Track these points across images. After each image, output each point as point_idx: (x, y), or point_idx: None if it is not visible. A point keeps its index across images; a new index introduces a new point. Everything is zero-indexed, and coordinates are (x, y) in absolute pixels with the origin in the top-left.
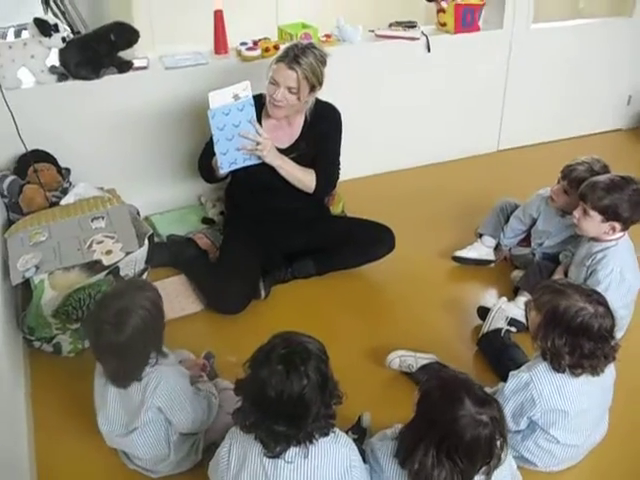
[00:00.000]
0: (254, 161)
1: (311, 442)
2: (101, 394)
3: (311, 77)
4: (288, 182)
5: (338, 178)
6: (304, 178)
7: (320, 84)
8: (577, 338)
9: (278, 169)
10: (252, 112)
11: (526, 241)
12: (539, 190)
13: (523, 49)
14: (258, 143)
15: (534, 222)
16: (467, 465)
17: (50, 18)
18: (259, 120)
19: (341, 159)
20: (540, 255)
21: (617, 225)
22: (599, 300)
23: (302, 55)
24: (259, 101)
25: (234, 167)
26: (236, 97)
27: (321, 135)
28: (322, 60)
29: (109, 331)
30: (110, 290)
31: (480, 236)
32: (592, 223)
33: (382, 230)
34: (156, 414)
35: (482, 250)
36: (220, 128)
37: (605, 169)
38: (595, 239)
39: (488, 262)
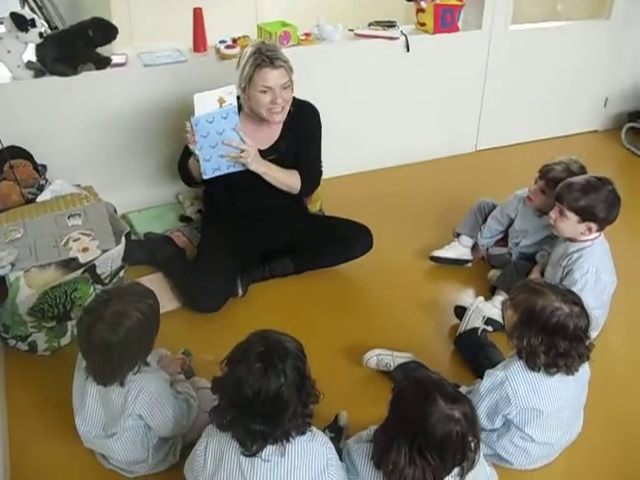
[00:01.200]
0: (238, 168)
1: (288, 440)
2: (80, 394)
3: (291, 66)
4: (268, 182)
5: (321, 176)
6: (289, 181)
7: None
8: (552, 337)
9: (263, 175)
10: (236, 119)
11: (503, 241)
12: (517, 190)
13: (502, 50)
14: (242, 150)
15: (511, 222)
16: (438, 462)
17: (27, 13)
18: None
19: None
20: (517, 255)
21: (593, 226)
22: (574, 300)
23: (273, 51)
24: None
25: (217, 173)
26: (221, 100)
27: (303, 135)
28: (280, 48)
29: (104, 329)
30: (113, 289)
31: (457, 235)
32: (568, 224)
33: (360, 229)
34: (136, 420)
35: (459, 250)
36: (204, 135)
37: (582, 170)
38: (571, 239)
39: (465, 262)
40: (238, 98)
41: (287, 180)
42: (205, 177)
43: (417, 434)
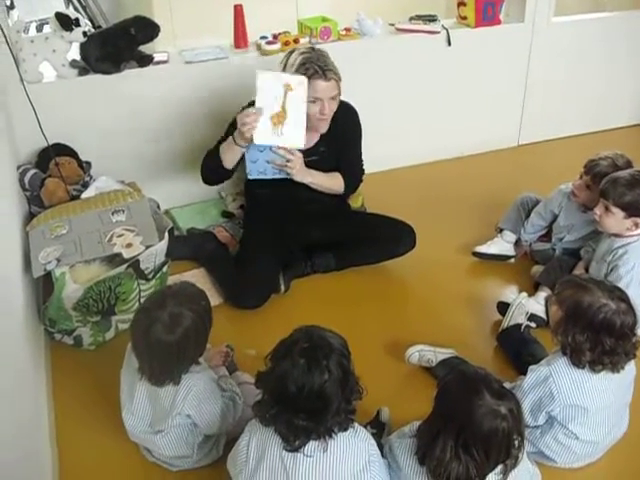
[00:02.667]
0: (282, 175)
1: (330, 436)
2: (129, 390)
3: (340, 77)
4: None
5: (363, 175)
6: (334, 185)
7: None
8: (598, 334)
9: (309, 184)
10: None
11: (547, 236)
12: (560, 185)
13: (544, 43)
14: (288, 160)
15: (555, 218)
16: (483, 458)
17: (71, 12)
18: None
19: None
20: (560, 250)
21: (639, 221)
22: (621, 297)
23: (324, 61)
24: None
25: (262, 177)
26: (288, 87)
27: (343, 137)
28: (329, 55)
29: (161, 330)
30: (167, 290)
31: (500, 231)
32: (614, 220)
33: (403, 228)
34: (184, 419)
35: (502, 245)
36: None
37: (628, 164)
38: (617, 235)
39: (508, 257)
40: None
41: (331, 185)
42: (250, 177)
43: (462, 428)
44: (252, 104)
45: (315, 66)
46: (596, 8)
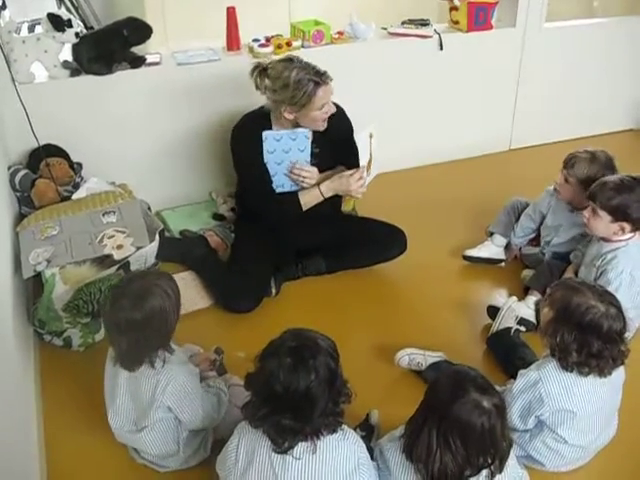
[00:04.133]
0: (299, 188)
1: (318, 438)
2: (111, 388)
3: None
4: None
5: None
6: (347, 186)
7: None
8: (585, 335)
9: (325, 194)
10: (305, 143)
11: (536, 240)
12: (547, 186)
13: (536, 48)
14: (304, 176)
15: (543, 219)
16: (462, 451)
17: (63, 13)
18: (269, 129)
19: None
20: (550, 254)
21: (627, 226)
22: (612, 301)
23: (312, 68)
24: (265, 115)
25: (280, 190)
26: (370, 135)
27: (336, 135)
28: None
29: (126, 306)
30: (136, 272)
31: (491, 234)
32: (601, 223)
33: (394, 232)
34: (166, 413)
35: (492, 249)
36: (270, 151)
37: (608, 159)
38: (605, 239)
39: (499, 261)
40: (262, 108)
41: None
42: None
43: (442, 419)
44: (248, 117)
45: (312, 77)
46: (587, 14)
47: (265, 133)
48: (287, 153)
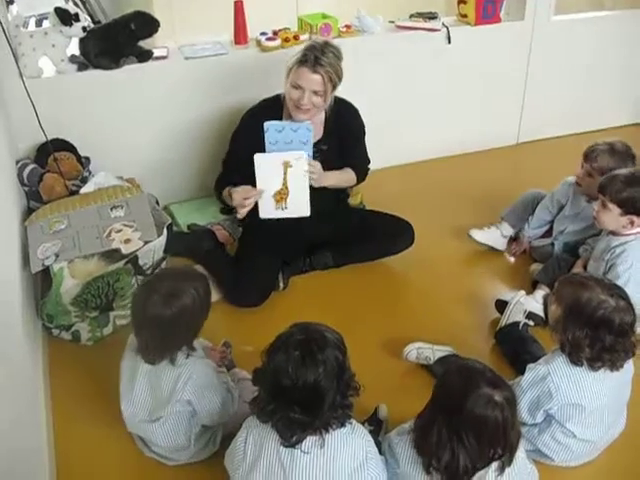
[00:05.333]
0: None
1: (327, 431)
2: (129, 377)
3: (334, 77)
4: None
5: (370, 163)
6: (347, 181)
7: (340, 80)
8: (598, 331)
9: (328, 186)
10: (308, 136)
11: (548, 233)
12: (567, 177)
13: (544, 41)
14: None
15: (560, 209)
16: (474, 445)
17: (71, 7)
18: (279, 119)
19: None
20: (561, 245)
21: (636, 219)
22: (620, 294)
23: (322, 56)
24: (277, 103)
25: None
26: (286, 164)
27: (346, 135)
28: (340, 56)
29: (157, 302)
30: (170, 268)
31: (501, 220)
32: (610, 216)
33: (402, 225)
34: (184, 406)
35: (497, 238)
36: (272, 143)
37: (626, 148)
38: (614, 233)
39: (496, 250)
40: (279, 97)
41: (345, 181)
42: None
43: (454, 414)
44: (250, 116)
45: (311, 55)
46: (597, 6)
47: (267, 124)
48: (289, 145)
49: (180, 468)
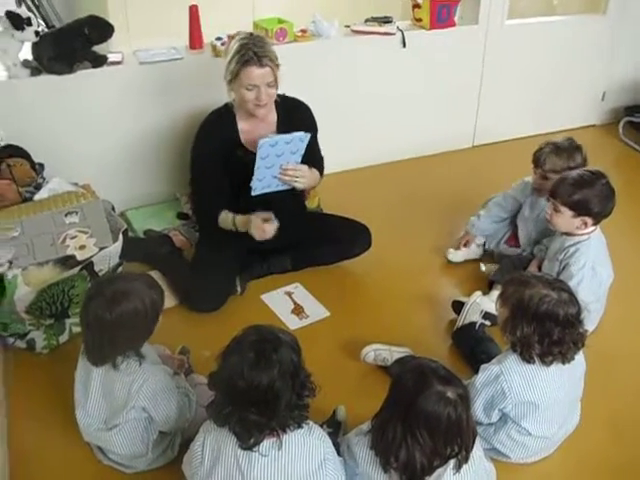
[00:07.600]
0: (285, 187)
1: (284, 432)
2: (83, 386)
3: (276, 61)
4: None
5: (324, 161)
6: (317, 180)
7: (278, 59)
8: (544, 325)
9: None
10: (299, 146)
11: (515, 241)
12: (524, 178)
13: (498, 45)
14: (297, 176)
15: (518, 209)
16: (428, 442)
17: (23, 11)
18: (233, 127)
19: None
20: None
21: (588, 220)
22: (562, 287)
23: (258, 49)
24: (228, 110)
25: (266, 190)
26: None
27: (305, 131)
28: (265, 39)
29: (101, 304)
30: (125, 273)
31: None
32: (563, 219)
33: (359, 228)
34: (139, 413)
35: (473, 250)
36: (263, 157)
37: (571, 142)
38: (568, 233)
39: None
40: (227, 106)
41: (316, 180)
42: (253, 193)
43: (407, 411)
44: (205, 133)
45: (250, 52)
46: (548, 12)
47: (261, 142)
48: (279, 157)
49: (139, 475)
